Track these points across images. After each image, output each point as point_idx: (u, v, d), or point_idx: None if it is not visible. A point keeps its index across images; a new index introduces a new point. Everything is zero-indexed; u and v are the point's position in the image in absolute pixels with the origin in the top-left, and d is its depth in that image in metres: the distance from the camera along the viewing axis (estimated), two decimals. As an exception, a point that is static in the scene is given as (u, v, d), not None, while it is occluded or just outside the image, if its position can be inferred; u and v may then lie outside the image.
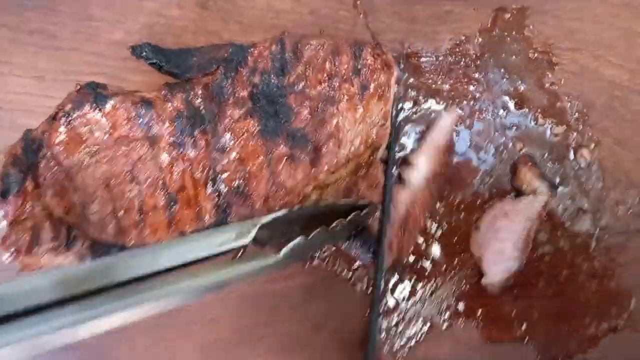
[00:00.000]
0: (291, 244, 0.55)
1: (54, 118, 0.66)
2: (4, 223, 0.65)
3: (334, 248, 0.77)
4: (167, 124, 0.66)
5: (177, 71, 0.69)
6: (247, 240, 0.54)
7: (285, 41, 0.68)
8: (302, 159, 0.67)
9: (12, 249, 0.64)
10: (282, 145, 0.67)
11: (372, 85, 0.68)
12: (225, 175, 0.67)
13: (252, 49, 0.68)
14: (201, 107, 0.67)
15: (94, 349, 0.77)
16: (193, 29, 0.78)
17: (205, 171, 0.67)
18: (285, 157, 0.67)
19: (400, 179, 0.74)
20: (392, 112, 0.70)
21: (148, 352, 0.78)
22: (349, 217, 0.63)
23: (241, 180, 0.67)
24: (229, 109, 0.67)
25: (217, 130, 0.67)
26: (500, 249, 0.73)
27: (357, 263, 0.77)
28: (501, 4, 0.78)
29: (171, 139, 0.67)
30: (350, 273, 0.78)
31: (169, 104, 0.67)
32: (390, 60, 0.70)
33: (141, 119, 0.66)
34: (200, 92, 0.67)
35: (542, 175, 0.73)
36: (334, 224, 0.60)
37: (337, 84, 0.68)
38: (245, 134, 0.68)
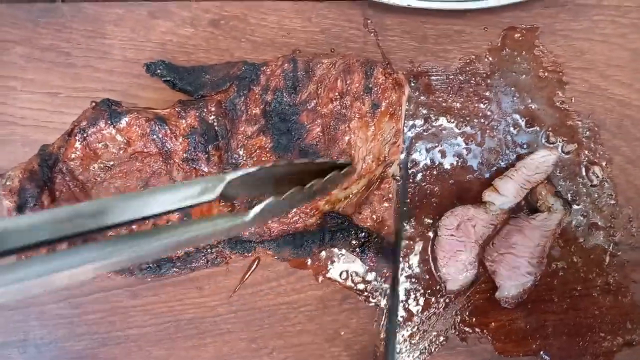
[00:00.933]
0: (262, 205, 0.50)
1: (69, 134, 0.68)
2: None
3: (346, 261, 0.79)
4: (180, 140, 0.68)
5: (190, 89, 0.72)
6: (213, 195, 0.48)
7: (298, 60, 0.70)
8: (314, 175, 0.69)
9: (27, 261, 0.66)
10: (294, 162, 0.69)
11: (383, 104, 0.70)
12: (238, 190, 0.69)
13: (264, 67, 0.70)
14: (214, 124, 0.69)
15: (111, 358, 0.80)
16: (205, 47, 0.80)
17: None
18: (298, 174, 0.69)
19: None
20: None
21: (161, 365, 0.79)
22: (327, 177, 0.57)
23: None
24: (242, 125, 0.69)
25: (230, 146, 0.69)
26: (515, 264, 0.74)
27: (371, 275, 0.79)
28: (511, 24, 0.80)
29: (184, 154, 0.68)
30: (363, 285, 0.79)
31: (183, 121, 0.68)
32: (401, 79, 0.72)
33: (155, 135, 0.68)
34: (213, 109, 0.69)
35: (556, 193, 0.75)
36: (309, 184, 0.55)
37: (349, 102, 0.70)
38: (258, 150, 0.69)
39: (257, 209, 0.50)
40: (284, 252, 0.70)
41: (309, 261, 0.79)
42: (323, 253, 0.79)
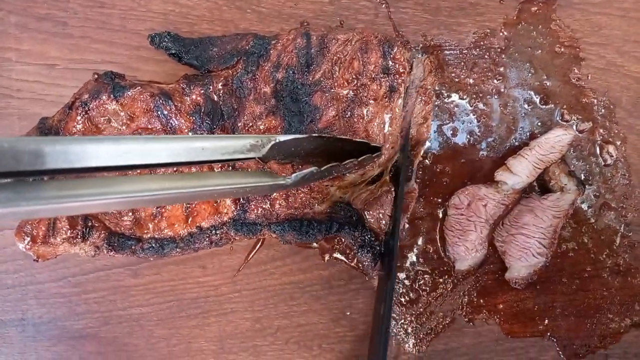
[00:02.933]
0: (304, 172, 0.57)
1: (70, 107, 0.67)
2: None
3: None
4: (185, 117, 0.68)
5: (197, 63, 0.71)
6: (260, 154, 0.54)
7: (311, 34, 0.69)
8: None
9: (28, 238, 0.66)
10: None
11: (401, 87, 0.69)
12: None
13: (275, 42, 0.69)
14: (220, 103, 0.68)
15: (112, 338, 0.81)
16: (209, 17, 0.79)
17: (226, 166, 0.68)
18: (310, 157, 0.68)
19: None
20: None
21: (164, 342, 0.81)
22: (361, 158, 0.64)
23: (262, 176, 0.69)
24: (250, 105, 0.68)
25: (237, 126, 0.68)
26: (526, 245, 0.76)
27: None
28: (528, -4, 0.80)
29: (189, 132, 0.68)
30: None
31: (188, 98, 0.68)
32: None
33: (159, 112, 0.67)
34: (219, 86, 0.68)
35: (570, 173, 0.75)
36: (346, 162, 0.62)
37: (366, 84, 0.68)
38: (267, 132, 0.69)
39: (299, 174, 0.57)
40: (287, 237, 0.70)
41: (315, 240, 0.80)
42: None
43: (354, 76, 0.68)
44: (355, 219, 0.72)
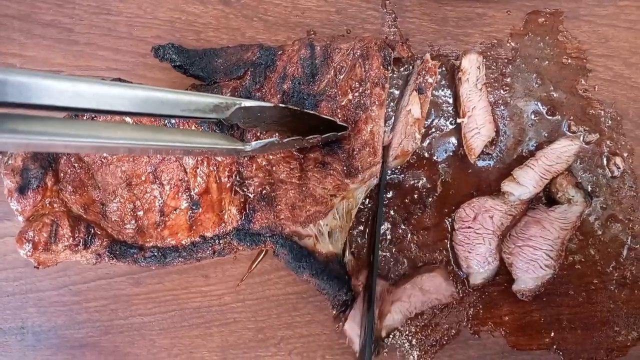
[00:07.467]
0: (264, 141, 0.59)
1: (76, 116, 0.67)
2: (22, 218, 0.66)
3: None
4: (193, 127, 0.68)
5: (202, 74, 0.72)
6: (222, 116, 0.54)
7: (315, 45, 0.70)
8: (334, 168, 0.68)
9: (29, 245, 0.65)
10: (313, 154, 0.69)
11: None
12: (252, 181, 0.69)
13: (280, 52, 0.70)
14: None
15: (113, 348, 0.81)
16: (215, 25, 0.80)
17: (232, 176, 0.69)
18: (316, 166, 0.69)
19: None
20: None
21: (166, 352, 0.81)
22: (325, 135, 0.64)
23: (268, 187, 0.69)
24: (258, 115, 0.69)
25: (246, 136, 0.69)
26: (533, 257, 0.76)
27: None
28: (535, 7, 0.81)
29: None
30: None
31: (195, 107, 0.68)
32: None
33: (167, 121, 0.67)
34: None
35: (577, 184, 0.75)
36: (310, 137, 0.62)
37: (368, 89, 0.69)
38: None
39: (260, 142, 0.59)
40: (282, 254, 0.71)
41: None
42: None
43: (357, 83, 0.69)
44: (347, 279, 0.74)
